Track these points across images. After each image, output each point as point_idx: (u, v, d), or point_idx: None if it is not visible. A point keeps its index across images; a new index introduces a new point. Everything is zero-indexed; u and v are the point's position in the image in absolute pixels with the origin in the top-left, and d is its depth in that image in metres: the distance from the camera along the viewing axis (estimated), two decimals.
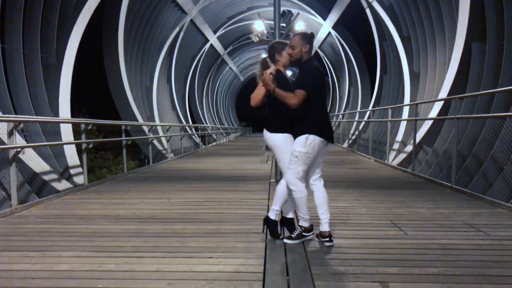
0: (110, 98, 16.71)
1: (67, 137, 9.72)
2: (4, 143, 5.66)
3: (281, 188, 3.21)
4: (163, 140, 15.32)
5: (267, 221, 3.31)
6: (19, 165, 6.42)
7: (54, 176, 9.02)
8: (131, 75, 17.49)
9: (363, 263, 2.70)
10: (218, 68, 35.03)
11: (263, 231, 3.38)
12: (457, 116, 6.05)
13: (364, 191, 5.59)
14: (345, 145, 17.35)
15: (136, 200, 5.15)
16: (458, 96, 6.41)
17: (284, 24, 14.51)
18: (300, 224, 3.24)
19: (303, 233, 3.21)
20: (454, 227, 3.64)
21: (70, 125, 9.91)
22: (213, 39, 26.55)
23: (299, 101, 3.01)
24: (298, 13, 14.34)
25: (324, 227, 3.14)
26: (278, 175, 6.29)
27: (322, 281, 2.42)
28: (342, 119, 20.10)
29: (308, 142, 3.06)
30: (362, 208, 4.45)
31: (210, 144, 20.60)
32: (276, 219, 3.29)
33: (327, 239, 3.10)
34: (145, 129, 12.71)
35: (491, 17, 9.03)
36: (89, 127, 7.09)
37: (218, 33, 26.56)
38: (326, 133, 3.16)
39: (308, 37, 3.18)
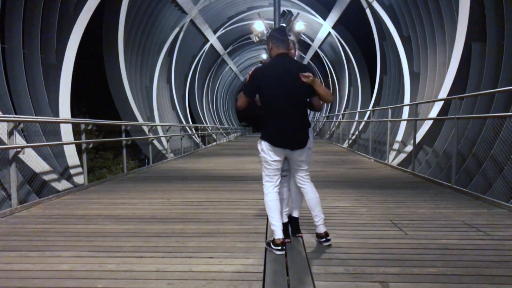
0: (110, 98, 16.71)
1: (67, 137, 9.72)
2: (4, 143, 5.66)
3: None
4: (163, 140, 15.31)
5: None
6: (19, 165, 6.42)
7: (54, 176, 9.02)
8: (131, 75, 17.48)
9: (363, 263, 2.70)
10: (218, 68, 35.02)
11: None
12: (457, 116, 6.05)
13: (364, 191, 5.59)
14: (345, 145, 17.35)
15: (136, 200, 5.15)
16: (458, 96, 6.40)
17: (284, 24, 14.50)
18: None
19: (271, 245, 2.95)
20: (454, 227, 3.64)
21: (70, 125, 9.90)
22: (213, 39, 26.54)
23: (239, 104, 3.06)
24: (298, 13, 14.35)
25: (320, 229, 3.10)
26: None
27: (322, 281, 2.42)
28: (342, 119, 20.10)
29: (259, 147, 3.03)
30: (362, 208, 4.45)
31: (210, 144, 20.60)
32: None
33: (324, 239, 3.08)
34: (145, 129, 12.70)
35: (491, 17, 9.03)
36: (89, 127, 7.09)
37: (218, 33, 26.55)
38: (272, 138, 2.91)
39: (269, 35, 3.06)
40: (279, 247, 2.89)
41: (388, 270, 2.57)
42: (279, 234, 2.93)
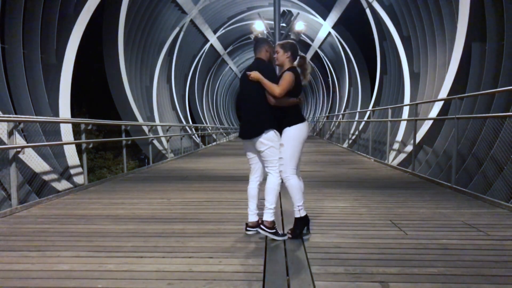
0: (110, 98, 16.71)
1: (67, 137, 9.72)
2: (4, 143, 5.66)
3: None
4: (163, 140, 15.32)
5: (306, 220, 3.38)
6: (19, 165, 6.41)
7: (54, 176, 9.02)
8: (131, 75, 17.48)
9: (363, 263, 2.70)
10: (218, 68, 35.02)
11: (308, 231, 3.41)
12: (457, 116, 6.05)
13: (364, 191, 5.59)
14: (345, 145, 17.35)
15: (136, 200, 5.15)
16: (458, 96, 6.41)
17: (284, 24, 14.51)
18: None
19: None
20: (454, 227, 3.64)
21: (70, 125, 9.90)
22: (213, 39, 26.54)
23: None
24: (298, 13, 14.36)
25: (263, 216, 3.30)
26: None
27: (322, 281, 2.42)
28: (342, 119, 20.11)
29: None
30: (362, 208, 4.45)
31: (210, 144, 20.60)
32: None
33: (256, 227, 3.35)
34: (145, 129, 12.71)
35: (491, 17, 9.03)
36: (89, 127, 7.09)
37: (218, 33, 26.55)
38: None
39: None
40: (247, 229, 3.43)
41: (388, 270, 2.57)
42: (249, 218, 3.45)
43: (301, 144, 3.30)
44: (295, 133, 3.26)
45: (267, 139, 3.23)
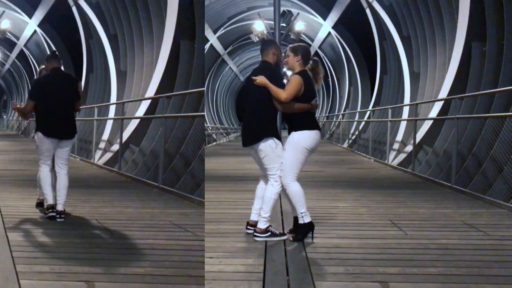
0: None
1: None
2: None
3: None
4: None
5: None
6: None
7: None
8: None
9: (363, 263, 2.70)
10: (218, 68, 34.98)
11: (312, 238, 3.19)
12: (457, 116, 6.07)
13: (364, 191, 5.59)
14: (345, 145, 17.36)
15: None
16: (458, 96, 6.42)
17: (284, 24, 14.52)
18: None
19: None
20: (454, 227, 3.64)
21: None
22: (213, 39, 26.52)
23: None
24: (298, 13, 14.38)
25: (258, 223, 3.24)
26: None
27: (322, 281, 2.41)
28: (342, 119, 20.12)
29: None
30: (362, 208, 4.45)
31: (210, 144, 20.60)
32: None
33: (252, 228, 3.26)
34: None
35: (491, 17, 9.02)
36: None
37: (218, 33, 26.53)
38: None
39: None
40: (248, 227, 3.35)
41: (388, 270, 2.57)
42: (251, 216, 3.36)
43: (306, 153, 3.15)
44: (301, 140, 3.11)
45: (265, 147, 3.14)
